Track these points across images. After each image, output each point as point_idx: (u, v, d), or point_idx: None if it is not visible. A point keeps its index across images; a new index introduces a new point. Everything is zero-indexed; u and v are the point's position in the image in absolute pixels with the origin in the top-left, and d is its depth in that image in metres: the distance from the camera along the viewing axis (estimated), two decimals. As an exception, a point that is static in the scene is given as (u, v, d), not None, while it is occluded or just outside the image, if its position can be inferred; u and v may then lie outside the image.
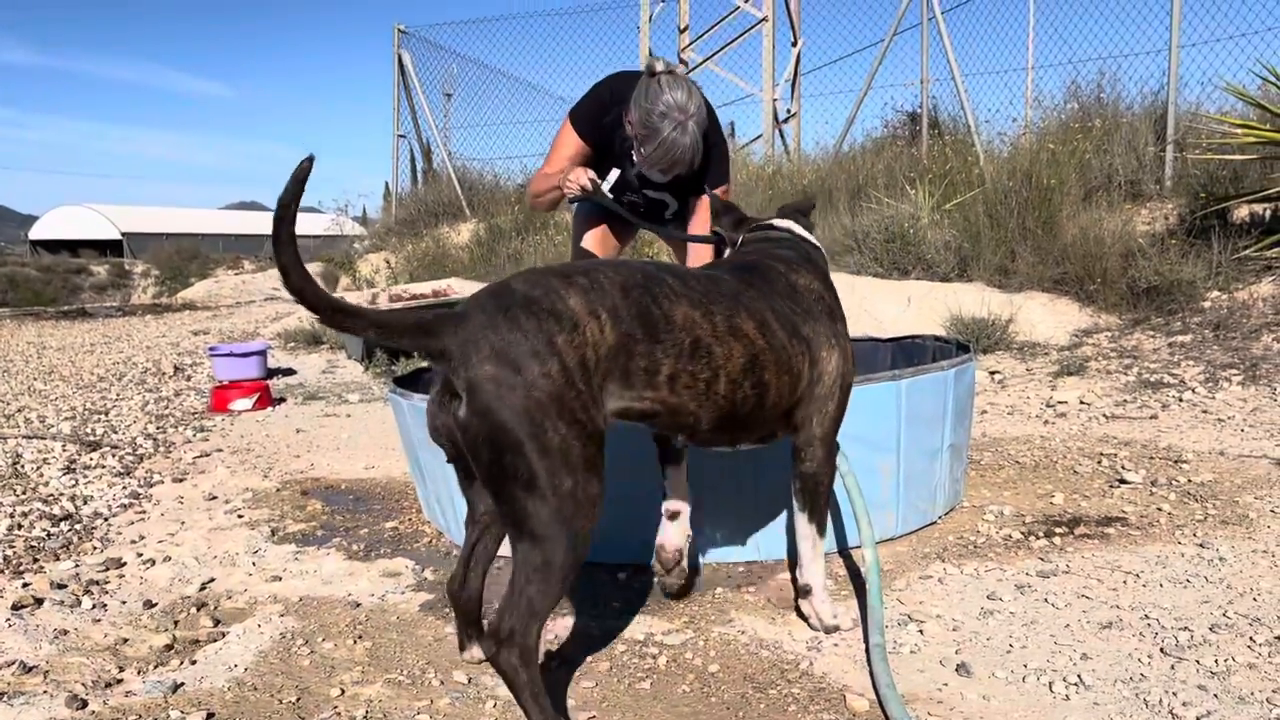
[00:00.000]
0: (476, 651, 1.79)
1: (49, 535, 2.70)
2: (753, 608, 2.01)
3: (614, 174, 3.11)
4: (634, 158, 2.90)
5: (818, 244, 2.18)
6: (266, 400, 4.84)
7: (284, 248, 1.38)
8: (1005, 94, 12.20)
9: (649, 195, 3.08)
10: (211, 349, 5.52)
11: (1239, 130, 5.18)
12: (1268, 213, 5.16)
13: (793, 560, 2.24)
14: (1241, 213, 5.25)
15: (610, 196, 3.05)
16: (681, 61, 10.90)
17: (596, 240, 3.54)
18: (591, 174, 2.90)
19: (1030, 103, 8.72)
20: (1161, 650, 1.68)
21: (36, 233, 47.61)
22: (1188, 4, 6.60)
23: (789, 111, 11.21)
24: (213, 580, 2.33)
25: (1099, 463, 2.92)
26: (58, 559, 2.49)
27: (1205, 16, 6.89)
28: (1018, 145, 7.06)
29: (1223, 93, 6.20)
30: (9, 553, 2.53)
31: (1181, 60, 6.56)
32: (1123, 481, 2.70)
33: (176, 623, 2.07)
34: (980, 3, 8.99)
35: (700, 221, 3.08)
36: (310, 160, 1.42)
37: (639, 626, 1.94)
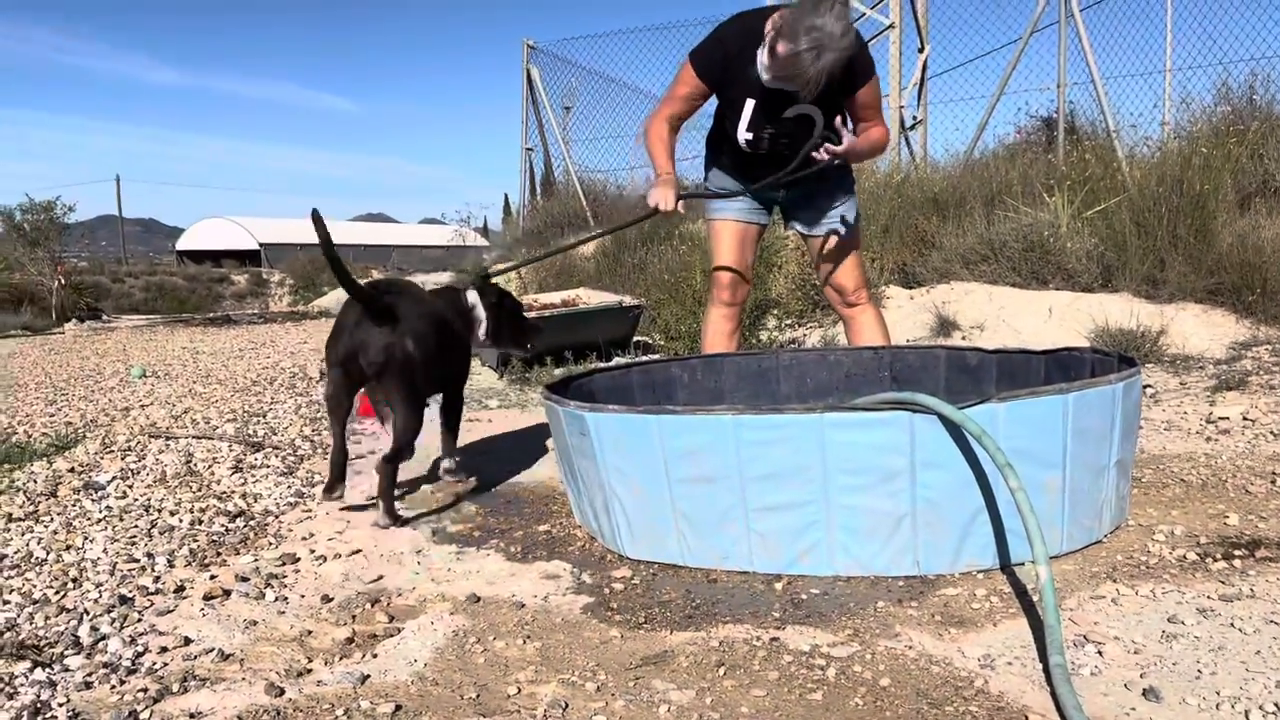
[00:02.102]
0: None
1: (227, 530, 2.87)
2: (916, 622, 1.99)
3: (749, 106, 3.27)
4: (762, 59, 3.09)
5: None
6: (410, 405, 5.00)
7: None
8: (1148, 97, 11.68)
9: (788, 120, 3.20)
10: (357, 355, 5.75)
11: None
12: None
13: (955, 575, 2.22)
14: None
15: (675, 209, 3.39)
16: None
17: (733, 240, 3.71)
18: (669, 199, 3.35)
19: (1172, 105, 8.38)
20: (1367, 682, 1.60)
21: (183, 244, 50.44)
22: (1355, -2, 6.22)
23: (915, 118, 11.01)
24: (382, 578, 2.44)
25: (1273, 482, 2.78)
26: (238, 553, 2.65)
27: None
28: (1165, 149, 6.78)
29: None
30: (194, 546, 2.69)
31: (1348, 58, 6.20)
32: (1302, 503, 2.57)
33: (354, 617, 2.17)
34: (1116, 2, 8.65)
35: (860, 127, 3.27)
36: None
37: (802, 637, 1.95)
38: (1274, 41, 7.47)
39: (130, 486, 3.39)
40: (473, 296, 3.45)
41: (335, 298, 20.93)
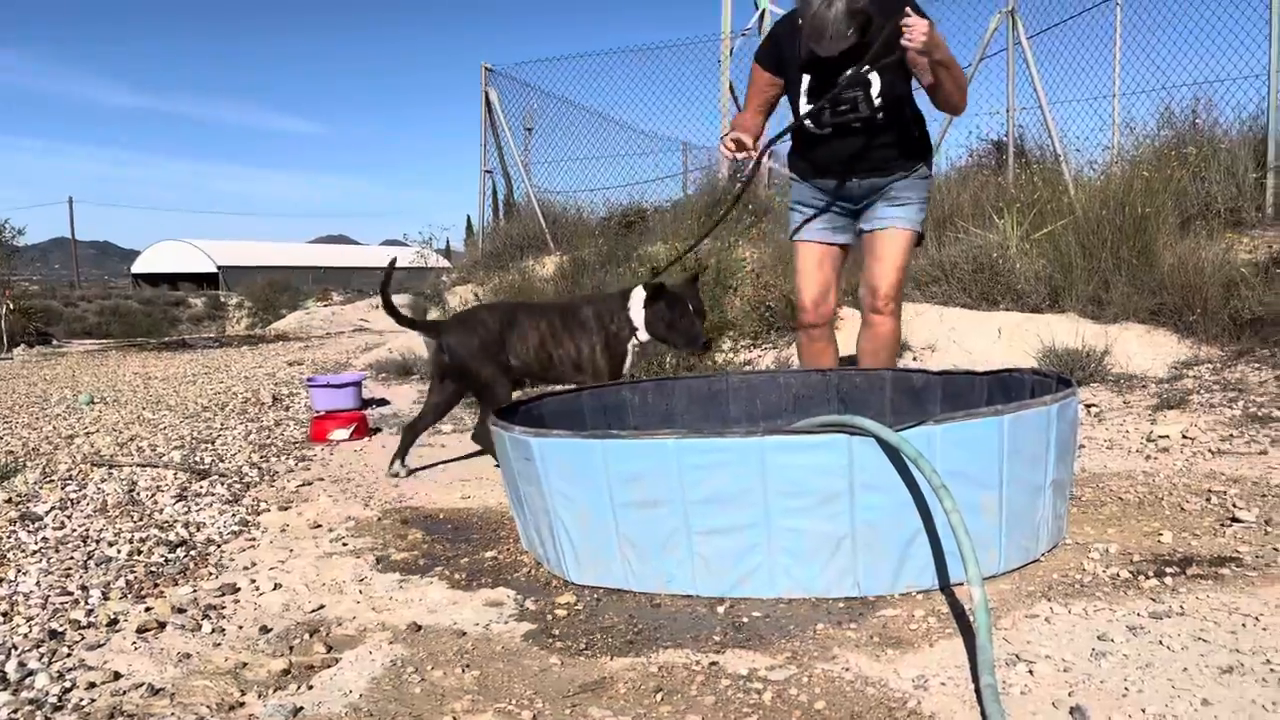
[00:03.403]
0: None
1: (166, 561, 2.82)
2: (855, 644, 2.00)
3: (805, 82, 3.44)
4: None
5: None
6: (363, 430, 4.97)
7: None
8: (1093, 121, 11.94)
9: (843, 86, 3.30)
10: (310, 380, 5.70)
11: (1347, 155, 5.00)
12: (1380, 240, 4.96)
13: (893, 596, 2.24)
14: (1351, 240, 5.06)
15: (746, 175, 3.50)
16: (762, 94, 10.94)
17: (811, 262, 3.76)
18: (741, 139, 3.48)
19: (1119, 129, 8.56)
20: (1287, 697, 1.63)
21: (139, 267, 49.77)
22: (1288, 26, 6.40)
23: (871, 141, 11.15)
24: (322, 607, 2.41)
25: (1208, 500, 2.84)
26: (176, 584, 2.60)
27: (1307, 38, 6.66)
28: (1109, 173, 6.92)
29: (1327, 117, 6.00)
30: (130, 577, 2.65)
31: (1282, 84, 6.38)
32: (1235, 520, 2.62)
33: (292, 648, 2.15)
34: (1065, 29, 8.83)
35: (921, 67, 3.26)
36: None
37: (741, 661, 1.95)
38: (1215, 67, 7.67)
39: (69, 517, 3.33)
40: (635, 297, 3.88)
41: (295, 320, 20.74)
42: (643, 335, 3.91)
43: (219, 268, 45.38)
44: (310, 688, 1.92)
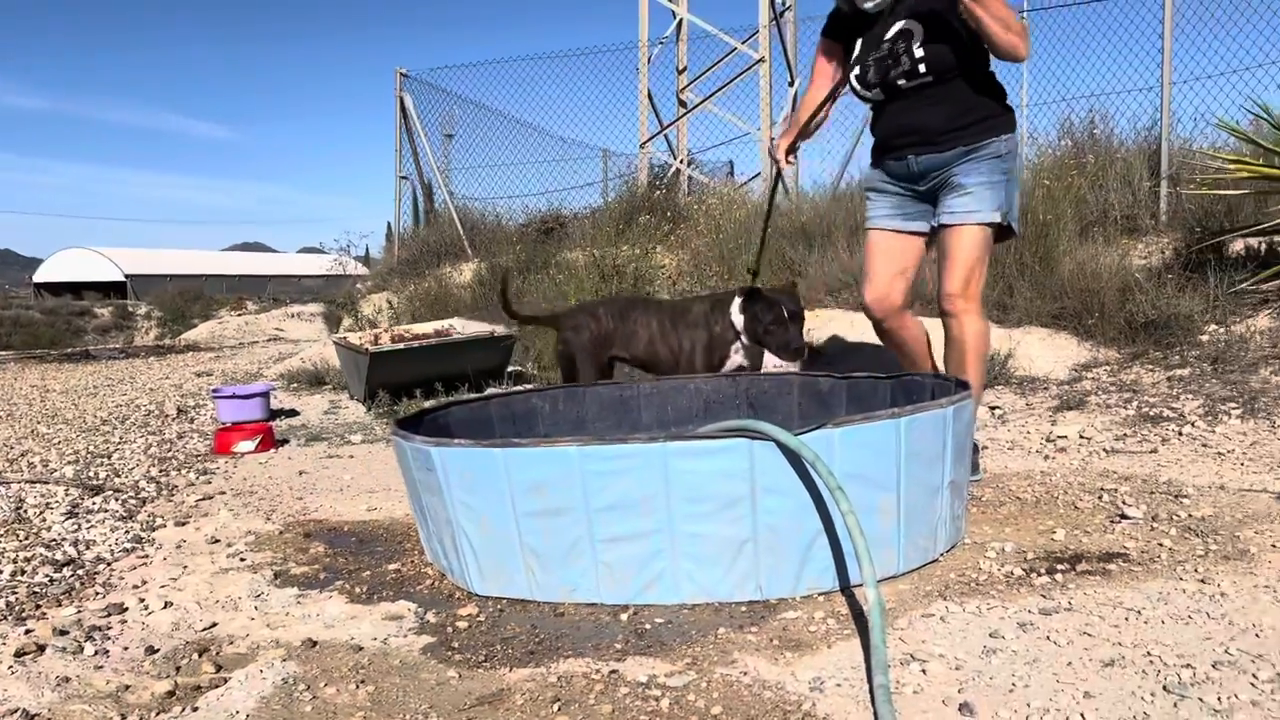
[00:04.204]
0: None
1: (51, 581, 2.71)
2: (754, 648, 2.01)
3: (858, 44, 3.33)
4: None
5: None
6: (269, 442, 4.85)
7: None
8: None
9: (887, 42, 3.20)
10: (215, 391, 5.55)
11: (1232, 165, 5.23)
12: (1263, 246, 5.19)
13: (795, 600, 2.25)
14: (1237, 246, 5.29)
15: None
16: (680, 103, 11.03)
17: (877, 251, 3.52)
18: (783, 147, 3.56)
19: (1025, 140, 8.82)
20: (1164, 688, 1.68)
21: (40, 276, 47.86)
22: (1179, 42, 6.68)
23: (787, 150, 11.29)
24: (215, 625, 2.33)
25: (1100, 498, 2.92)
26: (60, 605, 2.50)
27: (1196, 53, 6.97)
28: (1014, 182, 7.12)
29: (1215, 129, 6.27)
30: (11, 599, 2.53)
31: (1174, 96, 6.64)
32: (1124, 517, 2.70)
33: (178, 669, 2.07)
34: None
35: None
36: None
37: (641, 668, 1.94)
38: (1112, 79, 7.96)
39: (-51, 537, 3.17)
40: (737, 300, 3.93)
41: (207, 330, 20.17)
42: (746, 338, 3.98)
43: (127, 276, 43.92)
44: (195, 710, 1.86)
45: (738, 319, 3.99)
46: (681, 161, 10.97)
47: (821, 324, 6.15)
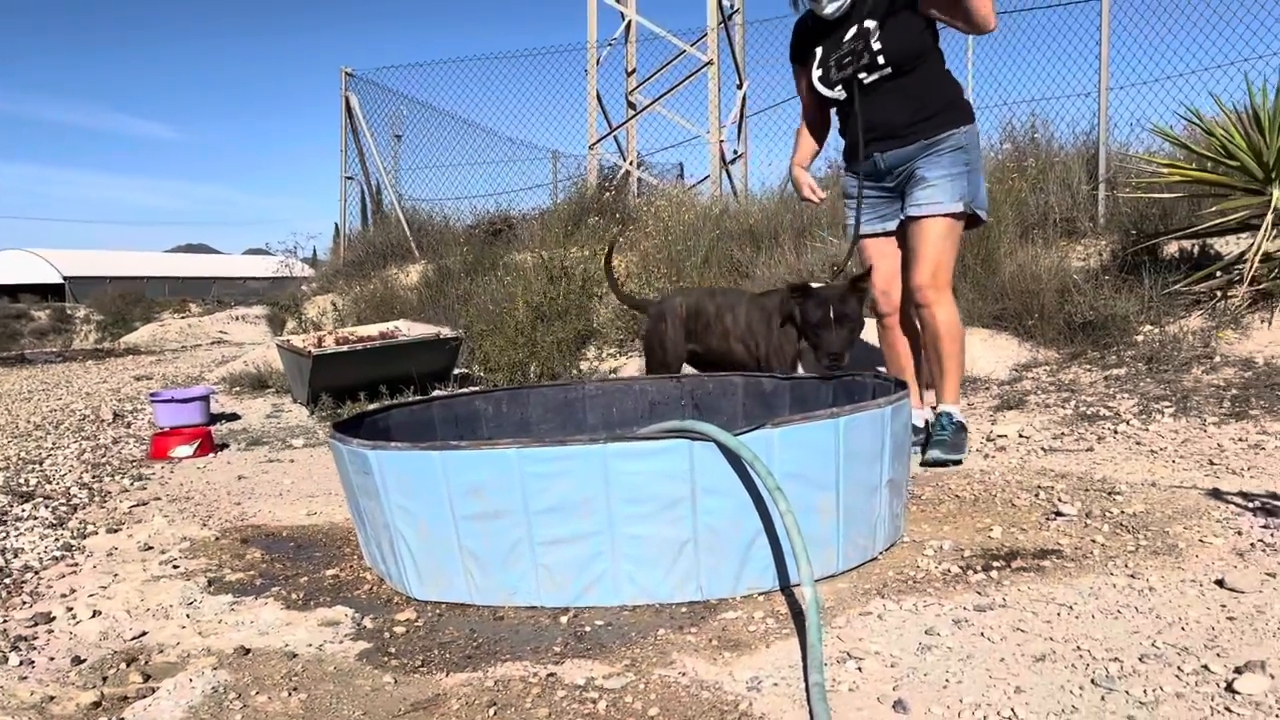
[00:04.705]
0: None
1: (-25, 591, 2.62)
2: (694, 648, 2.00)
3: (818, 51, 3.41)
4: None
5: None
6: (208, 447, 4.75)
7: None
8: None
9: (846, 43, 3.33)
10: (153, 395, 5.43)
11: (1166, 170, 5.35)
12: (1195, 249, 5.32)
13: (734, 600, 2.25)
14: (1171, 249, 5.41)
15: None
16: (630, 105, 11.03)
17: (871, 256, 3.65)
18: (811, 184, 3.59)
19: (969, 143, 8.95)
20: (1092, 681, 1.71)
21: (-26, 278, 46.50)
22: (1115, 49, 6.84)
23: (736, 152, 11.37)
24: (144, 634, 2.28)
25: (1036, 495, 2.97)
26: (-17, 615, 2.42)
27: (1133, 60, 7.20)
28: (957, 184, 7.22)
29: (1151, 134, 6.41)
30: (-68, 610, 2.45)
31: (1111, 102, 6.79)
32: (1058, 514, 2.75)
33: (105, 679, 2.02)
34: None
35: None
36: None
37: (580, 670, 1.93)
38: (1051, 85, 8.11)
39: None
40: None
41: (148, 332, 19.75)
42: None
43: (65, 278, 42.85)
44: (121, 720, 1.81)
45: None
46: (631, 163, 10.97)
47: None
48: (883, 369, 4.01)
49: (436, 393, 5.73)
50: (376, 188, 11.65)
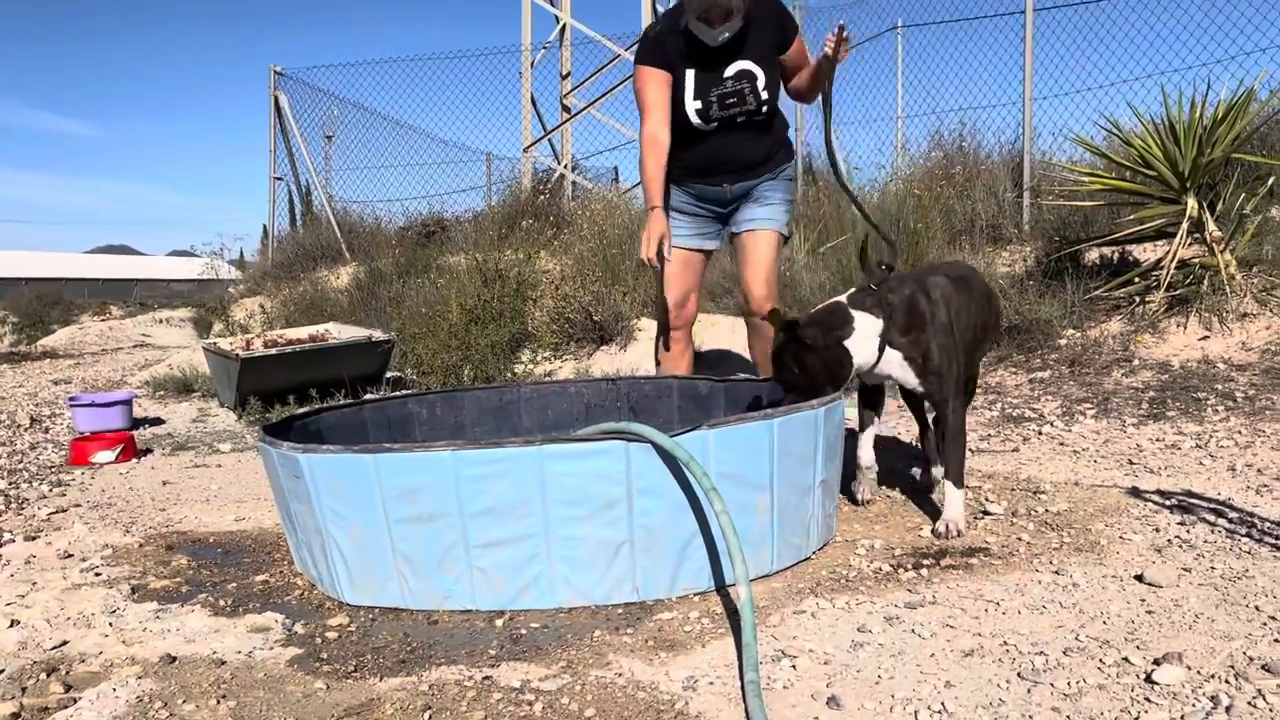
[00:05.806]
0: None
1: (-118, 602, 2.51)
2: (630, 649, 2.01)
3: (690, 75, 3.33)
4: (688, 25, 3.22)
5: None
6: (131, 452, 4.62)
7: None
8: (876, 142, 12.71)
9: (730, 80, 3.31)
10: (71, 399, 5.26)
11: (1087, 179, 5.52)
12: (1115, 255, 5.50)
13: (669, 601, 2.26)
14: (1092, 255, 5.58)
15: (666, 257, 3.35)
16: (564, 108, 11.02)
17: (678, 267, 3.61)
18: (658, 238, 3.29)
19: (899, 151, 9.13)
20: (1019, 675, 1.76)
21: (-121, 278, 44.56)
22: (1039, 60, 7.05)
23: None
24: (65, 643, 2.21)
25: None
26: (-109, 628, 2.32)
27: (1055, 72, 7.39)
28: (886, 191, 7.36)
29: (1072, 143, 6.62)
30: None
31: (1035, 112, 6.98)
32: (986, 513, 2.82)
33: (24, 689, 1.95)
34: (853, 52, 9.34)
35: (806, 73, 3.42)
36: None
37: (515, 673, 1.92)
38: (979, 94, 8.31)
39: None
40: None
41: (67, 335, 19.10)
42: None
43: (-22, 279, 41.36)
44: (39, 733, 1.75)
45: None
46: (565, 167, 10.96)
47: (704, 329, 6.22)
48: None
49: (369, 396, 5.65)
50: (306, 188, 11.47)
